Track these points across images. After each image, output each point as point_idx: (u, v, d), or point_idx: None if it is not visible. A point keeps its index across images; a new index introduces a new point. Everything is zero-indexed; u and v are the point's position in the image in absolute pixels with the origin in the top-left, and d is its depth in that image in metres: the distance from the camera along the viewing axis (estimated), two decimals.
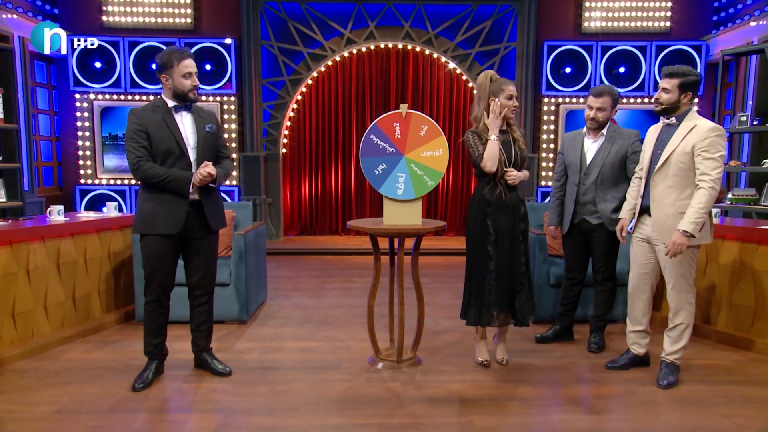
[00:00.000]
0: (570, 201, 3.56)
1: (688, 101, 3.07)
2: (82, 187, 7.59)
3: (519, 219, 3.21)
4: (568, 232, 3.62)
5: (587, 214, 3.51)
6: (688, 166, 2.99)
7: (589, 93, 3.52)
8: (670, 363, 3.17)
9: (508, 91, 3.15)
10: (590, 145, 3.54)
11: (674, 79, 3.02)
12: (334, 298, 5.05)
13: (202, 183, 2.90)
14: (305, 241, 7.87)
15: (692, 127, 3.00)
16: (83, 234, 3.88)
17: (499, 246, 3.17)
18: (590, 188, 3.49)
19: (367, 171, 3.25)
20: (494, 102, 3.13)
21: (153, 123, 2.89)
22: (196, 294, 3.15)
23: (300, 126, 8.13)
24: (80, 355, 3.54)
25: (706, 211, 2.93)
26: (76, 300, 3.84)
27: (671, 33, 7.73)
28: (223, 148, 3.15)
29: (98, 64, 7.38)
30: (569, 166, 3.59)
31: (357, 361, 3.46)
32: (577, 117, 7.75)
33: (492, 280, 3.16)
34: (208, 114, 3.11)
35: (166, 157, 2.90)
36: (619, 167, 3.47)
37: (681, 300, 3.09)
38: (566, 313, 3.80)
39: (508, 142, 3.21)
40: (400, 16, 7.63)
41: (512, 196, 3.21)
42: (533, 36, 7.59)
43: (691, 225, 2.91)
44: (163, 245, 2.95)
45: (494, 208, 3.18)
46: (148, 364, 3.10)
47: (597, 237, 3.54)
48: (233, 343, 3.77)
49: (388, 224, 3.28)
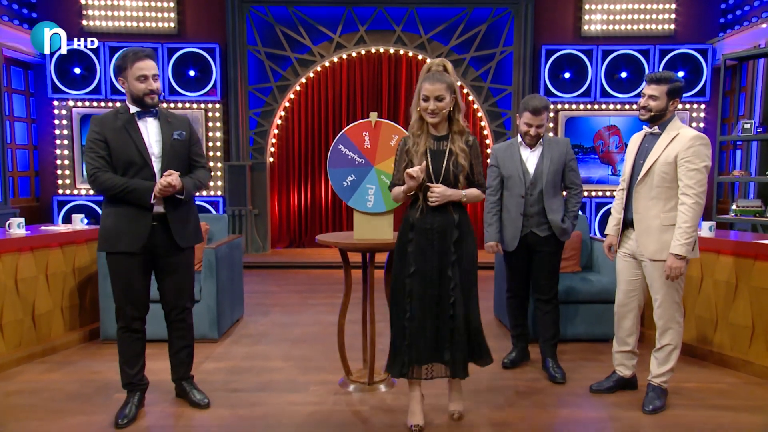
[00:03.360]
0: (516, 215, 3.48)
1: (674, 108, 3.05)
2: (60, 197, 7.61)
3: (448, 247, 2.69)
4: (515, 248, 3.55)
5: (534, 226, 3.47)
6: (671, 177, 2.97)
7: (527, 110, 3.38)
8: (656, 386, 3.11)
9: (423, 90, 2.63)
10: (529, 155, 3.52)
11: (662, 85, 3.00)
12: (314, 314, 5.02)
13: (164, 194, 2.79)
14: (293, 254, 7.85)
15: (675, 135, 2.99)
16: (45, 248, 3.87)
17: (418, 280, 2.68)
18: (538, 199, 3.46)
19: (335, 182, 3.23)
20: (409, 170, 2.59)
21: (113, 131, 2.82)
22: (172, 316, 3.04)
23: (288, 134, 8.14)
24: (36, 376, 3.51)
25: (695, 228, 2.91)
26: (35, 318, 3.82)
27: (676, 36, 7.71)
28: (198, 157, 3.04)
29: (77, 69, 7.43)
30: (509, 178, 3.52)
31: (327, 383, 3.42)
32: (577, 124, 7.73)
33: (406, 322, 2.68)
34: (179, 120, 3.00)
35: (127, 168, 2.81)
36: (560, 175, 3.51)
37: (668, 319, 3.04)
38: (523, 332, 3.78)
39: (440, 153, 2.70)
40: (392, 20, 7.65)
41: (441, 218, 2.69)
42: (530, 40, 7.59)
43: (683, 248, 2.88)
44: (129, 264, 2.85)
45: (417, 232, 2.71)
46: (129, 398, 2.96)
47: (543, 251, 3.49)
48: (200, 363, 3.73)
49: (358, 238, 3.26)
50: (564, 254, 4.07)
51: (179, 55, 7.48)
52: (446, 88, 2.63)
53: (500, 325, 4.63)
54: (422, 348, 2.68)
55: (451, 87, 2.66)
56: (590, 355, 3.95)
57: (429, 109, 2.63)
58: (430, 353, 2.70)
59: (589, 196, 7.78)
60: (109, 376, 3.45)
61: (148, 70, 2.83)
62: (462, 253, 2.72)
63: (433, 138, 2.73)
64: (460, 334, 2.68)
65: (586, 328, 4.17)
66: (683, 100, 7.50)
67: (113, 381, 3.31)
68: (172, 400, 3.16)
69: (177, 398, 3.16)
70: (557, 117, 7.73)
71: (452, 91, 2.66)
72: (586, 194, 7.78)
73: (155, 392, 3.20)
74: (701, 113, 7.66)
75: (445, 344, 2.68)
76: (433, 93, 2.62)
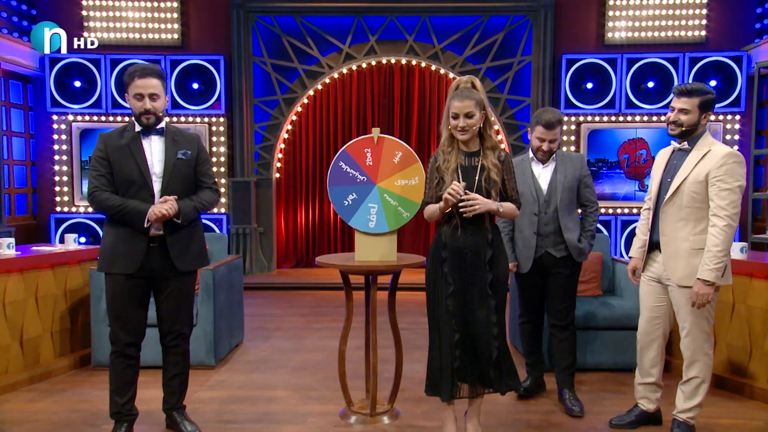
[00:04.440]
0: (529, 234, 3.45)
1: (706, 122, 3.01)
2: (58, 215, 7.72)
3: (484, 266, 2.76)
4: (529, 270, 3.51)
5: (550, 246, 3.43)
6: (702, 197, 2.92)
7: (539, 123, 3.39)
8: (682, 422, 3.03)
9: (452, 108, 2.74)
10: (541, 171, 3.50)
11: (694, 98, 2.95)
12: (318, 339, 4.99)
13: (158, 220, 2.83)
14: (299, 275, 7.85)
15: (706, 152, 2.94)
16: (34, 269, 3.91)
17: (459, 299, 2.76)
18: (553, 217, 3.42)
19: (335, 201, 3.23)
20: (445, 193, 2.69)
21: (116, 149, 2.88)
22: (168, 340, 3.06)
23: (295, 149, 8.19)
24: (21, 405, 3.52)
25: (726, 252, 2.85)
26: (23, 343, 3.85)
27: (707, 43, 7.64)
28: (205, 177, 3.06)
29: (78, 83, 7.57)
30: (520, 195, 3.50)
31: (327, 414, 3.39)
32: (600, 137, 7.67)
33: (458, 341, 2.75)
34: (187, 138, 3.02)
35: (127, 187, 2.87)
36: (575, 192, 3.48)
37: (696, 350, 2.97)
38: (538, 360, 3.72)
39: (471, 168, 2.79)
40: (404, 29, 7.69)
41: (474, 237, 2.76)
42: (550, 49, 7.58)
43: (712, 273, 2.83)
44: (125, 286, 2.88)
45: (450, 251, 2.78)
46: (116, 429, 2.97)
47: (559, 273, 3.45)
48: (194, 391, 3.72)
49: (359, 260, 3.25)
50: (583, 277, 4.02)
51: (182, 68, 7.59)
52: (475, 105, 2.73)
53: (515, 352, 4.55)
54: (470, 368, 2.77)
55: (481, 103, 2.76)
56: (611, 386, 3.87)
57: (459, 126, 2.74)
58: (476, 374, 2.78)
59: (614, 214, 7.69)
60: (98, 405, 3.45)
61: (144, 88, 2.89)
62: (496, 273, 2.79)
63: (464, 154, 2.82)
64: (504, 356, 2.78)
65: (607, 356, 4.09)
66: (715, 112, 7.42)
67: (102, 410, 3.30)
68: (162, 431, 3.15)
69: (167, 430, 3.15)
70: (579, 130, 7.68)
71: (482, 107, 2.76)
72: (611, 211, 7.69)
73: (145, 423, 3.19)
74: (736, 125, 7.55)
75: (489, 363, 2.75)
76: (463, 110, 2.72)
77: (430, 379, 2.85)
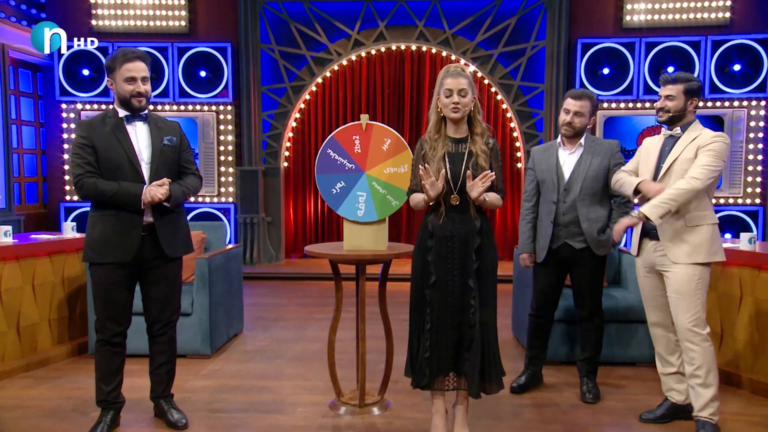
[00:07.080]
0: (547, 223, 3.42)
1: (694, 108, 3.09)
2: (68, 204, 7.87)
3: (470, 255, 2.73)
4: (543, 260, 3.48)
5: (569, 237, 3.39)
6: None
7: (566, 95, 3.46)
8: (706, 422, 2.98)
9: (445, 85, 2.72)
10: (567, 157, 3.45)
11: (678, 85, 3.07)
12: (318, 330, 5.02)
13: (152, 201, 2.86)
14: (307, 265, 7.89)
15: (696, 135, 3.03)
16: (31, 257, 4.00)
17: (439, 290, 2.74)
18: (572, 206, 3.37)
19: (323, 190, 3.24)
20: (421, 168, 2.70)
21: (101, 135, 2.90)
22: (155, 329, 3.11)
23: (303, 137, 8.21)
24: (15, 392, 3.62)
25: (676, 204, 2.89)
26: (20, 330, 3.95)
27: (732, 25, 7.43)
28: (187, 163, 3.13)
29: (86, 71, 7.68)
30: (543, 182, 3.48)
31: (317, 404, 3.43)
32: (617, 124, 7.55)
33: (427, 332, 2.74)
34: (169, 125, 3.11)
35: (115, 174, 2.90)
36: (603, 182, 3.39)
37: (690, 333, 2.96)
38: (538, 356, 3.67)
39: (458, 155, 2.76)
40: (414, 14, 7.64)
41: (462, 225, 2.73)
42: (565, 33, 7.46)
43: (651, 210, 2.89)
44: (116, 275, 2.93)
45: (437, 240, 2.76)
46: (102, 417, 3.03)
47: (580, 264, 3.41)
48: (187, 380, 3.79)
49: (348, 249, 3.26)
50: None
51: (190, 55, 7.66)
52: (468, 84, 2.72)
53: (517, 345, 4.54)
54: (443, 359, 2.73)
55: (472, 86, 2.75)
56: (612, 380, 3.84)
57: (452, 102, 2.69)
58: (451, 363, 2.74)
59: None
60: (90, 393, 3.47)
61: (136, 71, 2.91)
62: (483, 262, 2.75)
63: (451, 140, 2.78)
64: (476, 346, 2.70)
65: (608, 350, 4.02)
66: (739, 98, 7.25)
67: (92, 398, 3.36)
68: (149, 420, 3.21)
69: (155, 418, 3.21)
70: (595, 117, 7.55)
71: (473, 90, 2.75)
72: None
73: (133, 411, 3.26)
74: (761, 110, 7.35)
75: (464, 354, 2.72)
76: (457, 87, 2.70)
77: (407, 365, 2.88)
